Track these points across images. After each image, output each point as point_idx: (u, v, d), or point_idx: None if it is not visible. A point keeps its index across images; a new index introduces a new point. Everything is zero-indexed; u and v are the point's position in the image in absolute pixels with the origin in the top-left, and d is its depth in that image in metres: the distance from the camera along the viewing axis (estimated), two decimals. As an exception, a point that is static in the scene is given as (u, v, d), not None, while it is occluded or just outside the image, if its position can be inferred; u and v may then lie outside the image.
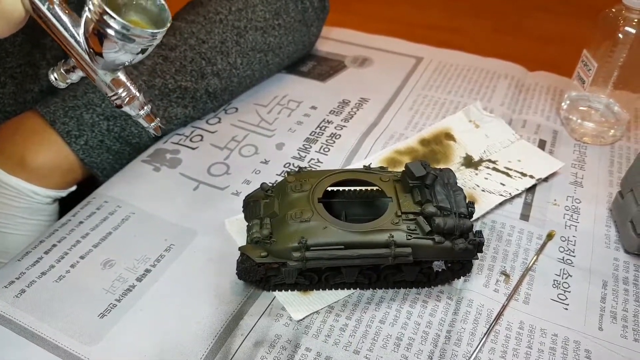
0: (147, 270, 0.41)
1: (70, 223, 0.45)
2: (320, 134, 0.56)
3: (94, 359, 0.35)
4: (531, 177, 0.50)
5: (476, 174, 0.51)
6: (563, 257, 0.43)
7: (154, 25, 0.29)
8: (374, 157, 0.52)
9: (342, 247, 0.36)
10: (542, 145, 0.55)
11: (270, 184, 0.41)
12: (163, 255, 0.42)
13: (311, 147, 0.54)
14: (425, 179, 0.38)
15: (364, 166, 0.42)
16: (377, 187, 0.40)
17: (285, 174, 0.43)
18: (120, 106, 0.32)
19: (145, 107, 0.34)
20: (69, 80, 0.33)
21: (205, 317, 0.38)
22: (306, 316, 0.38)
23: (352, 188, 0.42)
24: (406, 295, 0.40)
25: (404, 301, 0.39)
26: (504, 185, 0.49)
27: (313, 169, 0.50)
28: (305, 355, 0.36)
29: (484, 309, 0.39)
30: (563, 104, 0.59)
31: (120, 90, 0.32)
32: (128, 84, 0.32)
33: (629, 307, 0.40)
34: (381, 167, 0.42)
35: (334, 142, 0.55)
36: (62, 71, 0.32)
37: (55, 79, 0.32)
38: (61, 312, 0.38)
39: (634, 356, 0.36)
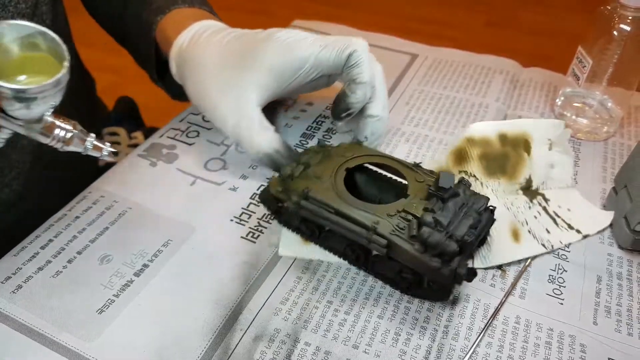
0: (145, 265, 0.41)
1: (66, 218, 0.45)
2: (316, 129, 0.56)
3: (93, 354, 0.35)
4: (578, 231, 0.45)
5: (529, 207, 0.45)
6: (558, 252, 0.44)
7: (58, 60, 0.28)
8: (446, 146, 0.51)
9: (333, 211, 0.38)
10: (536, 141, 0.56)
11: (328, 143, 0.44)
12: (161, 251, 0.42)
13: (308, 142, 0.54)
14: (444, 192, 0.37)
15: (414, 162, 0.42)
16: (405, 183, 0.41)
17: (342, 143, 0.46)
18: (63, 147, 0.32)
19: (89, 139, 0.32)
20: (1, 141, 0.31)
21: (204, 312, 0.38)
22: (290, 257, 0.42)
23: (385, 173, 0.43)
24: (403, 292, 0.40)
25: (402, 296, 0.40)
26: (549, 233, 0.44)
27: (369, 147, 0.47)
28: (304, 349, 0.36)
29: (481, 303, 0.39)
30: (557, 100, 0.60)
31: (56, 132, 0.31)
32: (59, 123, 0.31)
33: (623, 301, 0.40)
34: (431, 171, 0.42)
35: (331, 137, 0.55)
36: None
37: None
38: (59, 308, 0.38)
39: (628, 350, 0.37)
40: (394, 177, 0.43)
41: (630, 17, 0.50)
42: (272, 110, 0.58)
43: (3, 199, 0.48)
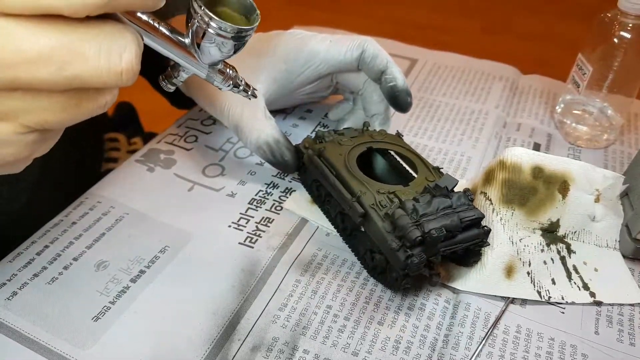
0: (142, 272, 0.41)
1: (62, 224, 0.45)
2: (315, 135, 0.56)
3: (88, 362, 0.35)
4: (592, 294, 0.41)
5: (541, 250, 0.42)
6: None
7: (245, 17, 0.31)
8: (476, 167, 0.52)
9: (334, 173, 0.41)
10: (536, 148, 0.56)
11: (367, 126, 0.48)
12: (158, 257, 0.42)
13: (307, 148, 0.54)
14: (436, 190, 0.37)
15: (437, 167, 0.43)
16: (414, 177, 0.42)
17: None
18: (229, 86, 0.35)
19: (244, 80, 0.36)
20: (178, 83, 0.34)
21: (201, 321, 0.37)
22: (292, 212, 0.46)
23: (402, 163, 0.45)
24: (404, 297, 0.40)
25: (402, 303, 0.39)
26: (554, 284, 0.41)
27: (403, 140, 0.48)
28: (303, 357, 0.35)
29: (482, 312, 0.39)
30: (557, 107, 0.60)
31: (228, 72, 0.34)
32: (228, 69, 0.34)
33: (624, 311, 0.40)
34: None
35: (330, 143, 0.54)
36: (172, 75, 0.34)
37: (166, 83, 0.34)
38: (54, 315, 0.37)
39: (630, 360, 0.36)
40: (409, 170, 0.43)
41: (630, 25, 0.50)
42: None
43: (12, 211, 0.48)
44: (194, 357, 0.35)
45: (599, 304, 0.40)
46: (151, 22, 0.28)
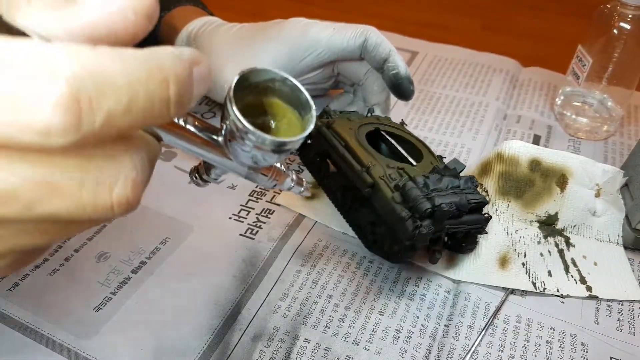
0: (143, 263, 0.41)
1: (63, 216, 0.45)
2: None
3: (90, 352, 0.35)
4: (588, 288, 0.40)
5: (538, 242, 0.42)
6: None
7: (299, 112, 0.26)
8: (476, 159, 0.52)
9: (343, 144, 0.41)
10: (536, 140, 0.56)
11: (372, 112, 0.48)
12: (159, 248, 0.42)
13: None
14: (444, 170, 0.38)
15: (439, 155, 0.43)
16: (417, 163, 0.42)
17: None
18: (274, 184, 0.30)
19: (293, 175, 0.31)
20: (211, 181, 0.30)
21: (203, 311, 0.37)
22: (286, 208, 0.46)
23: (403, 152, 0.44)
24: (404, 287, 0.40)
25: (402, 292, 0.39)
26: (550, 276, 0.40)
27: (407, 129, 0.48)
28: (304, 346, 0.35)
29: (482, 302, 0.39)
30: (557, 99, 0.60)
31: (271, 171, 0.29)
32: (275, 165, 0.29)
33: (624, 300, 0.40)
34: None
35: (330, 135, 0.54)
36: (205, 172, 0.30)
37: (196, 178, 0.30)
38: (56, 306, 0.37)
39: (629, 349, 0.37)
40: (411, 158, 0.43)
41: (630, 16, 0.50)
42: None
43: None
44: (195, 347, 0.35)
45: (594, 298, 0.40)
46: (175, 120, 0.22)
